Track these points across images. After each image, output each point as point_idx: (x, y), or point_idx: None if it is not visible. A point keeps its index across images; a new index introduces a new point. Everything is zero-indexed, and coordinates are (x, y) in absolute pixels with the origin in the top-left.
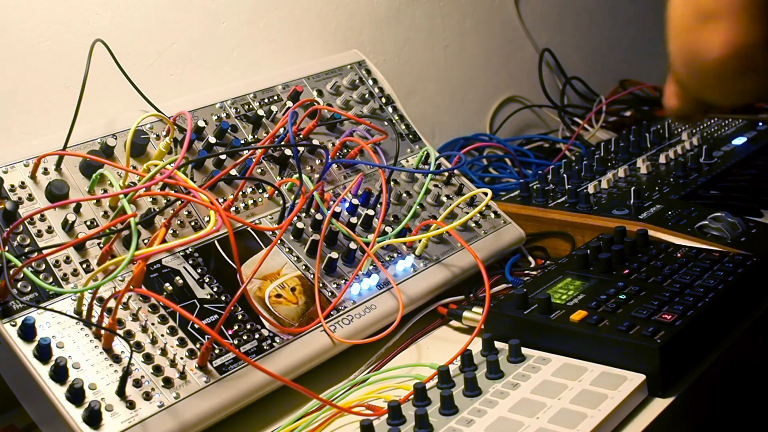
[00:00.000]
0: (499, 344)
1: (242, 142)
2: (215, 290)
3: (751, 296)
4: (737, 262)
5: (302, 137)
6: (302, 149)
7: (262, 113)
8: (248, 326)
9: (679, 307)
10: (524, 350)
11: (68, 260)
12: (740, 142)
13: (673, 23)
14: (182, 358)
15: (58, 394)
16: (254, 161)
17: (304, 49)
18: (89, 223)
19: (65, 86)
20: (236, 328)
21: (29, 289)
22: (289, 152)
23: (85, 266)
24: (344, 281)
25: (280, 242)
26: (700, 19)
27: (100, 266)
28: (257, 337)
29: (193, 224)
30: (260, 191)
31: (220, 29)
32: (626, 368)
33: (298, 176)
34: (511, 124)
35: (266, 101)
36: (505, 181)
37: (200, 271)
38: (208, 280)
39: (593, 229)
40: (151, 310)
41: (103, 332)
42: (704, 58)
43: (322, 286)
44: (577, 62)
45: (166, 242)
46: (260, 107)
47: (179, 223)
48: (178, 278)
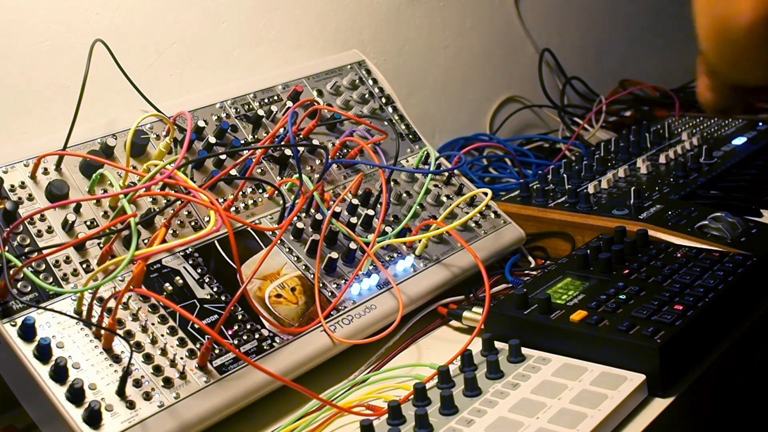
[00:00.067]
0: (499, 344)
1: (242, 142)
2: (215, 290)
3: (751, 296)
4: (737, 262)
5: (302, 137)
6: (302, 149)
7: (262, 113)
8: (248, 326)
9: (679, 307)
10: (524, 350)
11: (68, 260)
12: (740, 142)
13: None
14: (182, 358)
15: (58, 394)
16: (254, 161)
17: (304, 49)
18: (89, 223)
19: (65, 86)
20: (236, 328)
21: (29, 289)
22: (289, 152)
23: (85, 266)
24: (344, 281)
25: (280, 242)
26: None
27: (100, 266)
28: (257, 337)
29: (193, 224)
30: (260, 191)
31: (220, 29)
32: (626, 368)
33: (298, 176)
34: (511, 124)
35: (266, 101)
36: (505, 181)
37: (200, 271)
38: (208, 280)
39: (593, 229)
40: (151, 310)
41: (103, 332)
42: (735, 24)
43: (322, 286)
44: (577, 62)
45: (166, 242)
46: (260, 107)
47: (179, 223)
48: (178, 278)
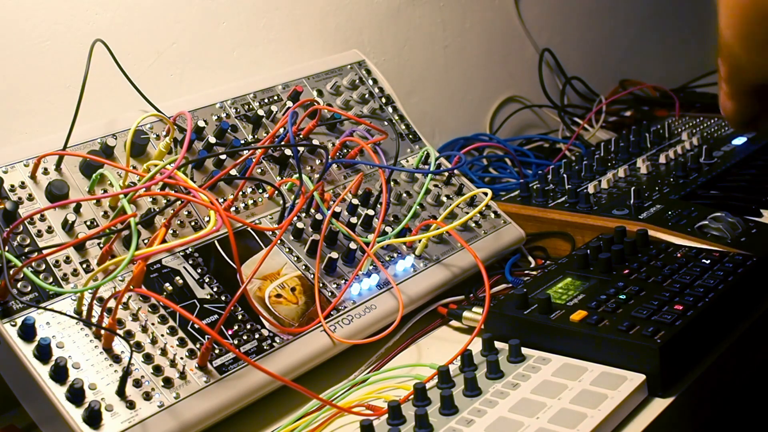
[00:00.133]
0: (499, 344)
1: (242, 142)
2: (215, 290)
3: (751, 296)
4: (737, 262)
5: (302, 137)
6: (302, 149)
7: (262, 113)
8: (248, 326)
9: (679, 307)
10: (524, 350)
11: (68, 260)
12: (740, 142)
13: None
14: (182, 358)
15: (58, 394)
16: (254, 161)
17: (304, 49)
18: (89, 223)
19: (65, 86)
20: (236, 328)
21: (29, 289)
22: (289, 152)
23: (85, 266)
24: (344, 281)
25: (280, 242)
26: None
27: (100, 266)
28: (257, 337)
29: (193, 224)
30: (260, 191)
31: (220, 29)
32: (626, 368)
33: (298, 176)
34: (511, 124)
35: (266, 101)
36: (505, 181)
37: (200, 271)
38: (208, 280)
39: (593, 229)
40: (151, 310)
41: (103, 332)
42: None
43: (322, 286)
44: (577, 62)
45: (166, 242)
46: (260, 107)
47: (179, 223)
48: (178, 278)
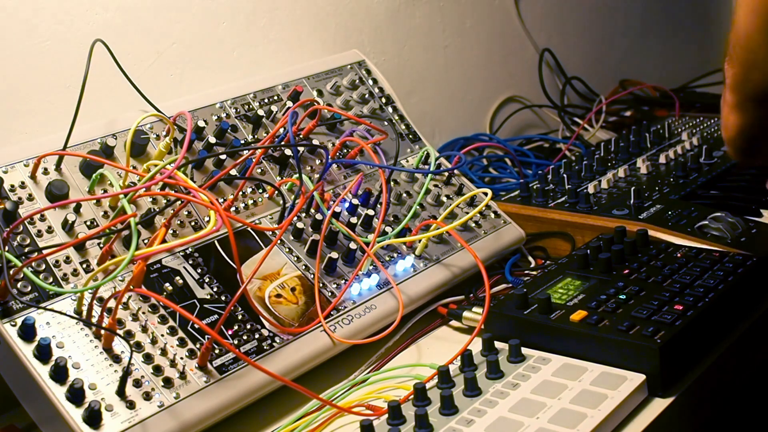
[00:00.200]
0: (499, 344)
1: (242, 142)
2: (215, 290)
3: (751, 296)
4: (737, 262)
5: (302, 137)
6: (302, 149)
7: (262, 113)
8: (248, 326)
9: (679, 307)
10: (524, 350)
11: (68, 260)
12: None
13: None
14: (182, 358)
15: (58, 394)
16: (254, 161)
17: (304, 49)
18: (89, 223)
19: (65, 86)
20: (236, 328)
21: (29, 289)
22: (289, 152)
23: (85, 266)
24: (344, 281)
25: (280, 242)
26: None
27: (100, 266)
28: (257, 337)
29: (193, 224)
30: (260, 191)
31: (220, 29)
32: (626, 368)
33: (298, 176)
34: (511, 124)
35: (266, 101)
36: (505, 181)
37: (200, 271)
38: (208, 280)
39: (593, 229)
40: (151, 310)
41: (103, 332)
42: None
43: (322, 286)
44: (577, 62)
45: (166, 242)
46: (260, 107)
47: (179, 223)
48: (178, 278)
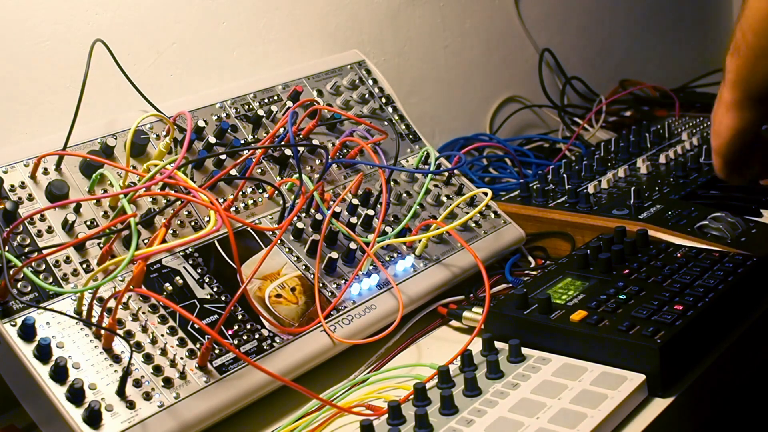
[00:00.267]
0: (499, 344)
1: (242, 142)
2: (215, 290)
3: (751, 296)
4: (737, 262)
5: (302, 137)
6: (302, 149)
7: (262, 113)
8: (248, 326)
9: (679, 307)
10: (524, 350)
11: (68, 260)
12: None
13: None
14: (182, 358)
15: (58, 394)
16: (254, 161)
17: (304, 49)
18: (89, 223)
19: (65, 86)
20: (236, 328)
21: (29, 289)
22: (289, 152)
23: (85, 266)
24: (344, 281)
25: (280, 242)
26: None
27: (100, 266)
28: (257, 337)
29: (193, 224)
30: (260, 191)
31: (220, 29)
32: (626, 368)
33: (298, 176)
34: (511, 124)
35: (266, 101)
36: (505, 181)
37: (200, 271)
38: (208, 280)
39: (593, 229)
40: (151, 310)
41: (103, 332)
42: None
43: (322, 286)
44: (577, 62)
45: (166, 242)
46: (260, 107)
47: (179, 223)
48: (178, 278)
